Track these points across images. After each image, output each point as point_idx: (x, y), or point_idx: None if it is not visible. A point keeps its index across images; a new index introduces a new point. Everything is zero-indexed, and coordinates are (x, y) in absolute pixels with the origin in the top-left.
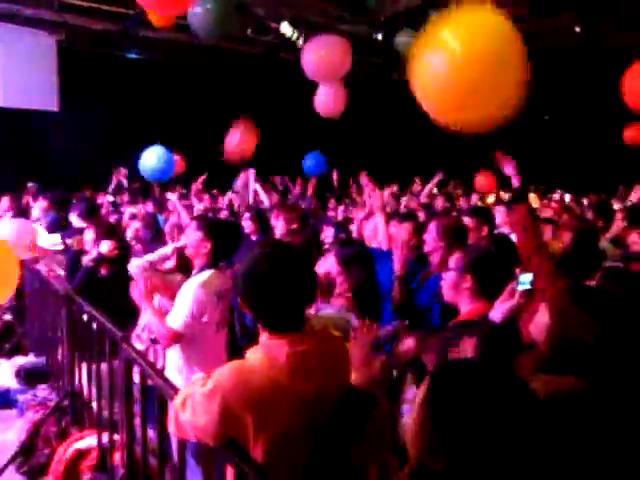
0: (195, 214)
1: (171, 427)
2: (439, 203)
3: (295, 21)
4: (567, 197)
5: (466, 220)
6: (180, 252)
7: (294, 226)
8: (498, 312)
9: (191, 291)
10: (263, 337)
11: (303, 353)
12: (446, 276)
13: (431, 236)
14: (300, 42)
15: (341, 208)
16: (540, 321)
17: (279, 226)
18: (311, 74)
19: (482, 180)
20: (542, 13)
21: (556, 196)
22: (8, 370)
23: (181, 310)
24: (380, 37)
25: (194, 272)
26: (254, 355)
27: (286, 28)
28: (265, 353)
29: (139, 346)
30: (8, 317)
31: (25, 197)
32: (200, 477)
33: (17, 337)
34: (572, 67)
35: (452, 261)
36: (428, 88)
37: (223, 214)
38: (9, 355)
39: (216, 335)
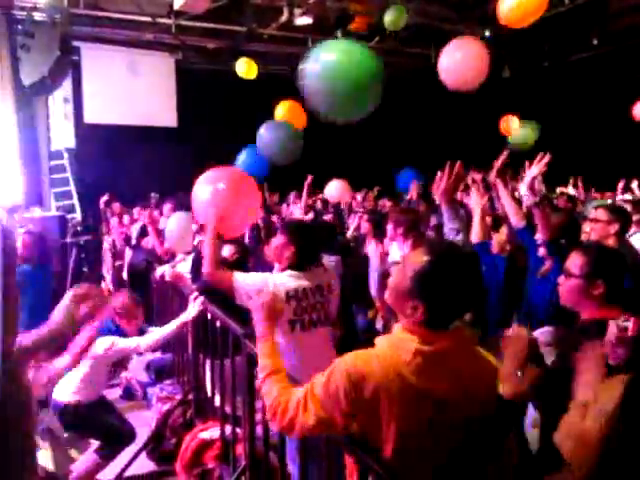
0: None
1: (295, 433)
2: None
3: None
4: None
5: (593, 214)
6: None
7: (400, 230)
8: None
9: (264, 284)
10: (396, 328)
11: (432, 352)
12: (568, 280)
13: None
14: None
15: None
16: None
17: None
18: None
19: None
20: None
21: None
22: (139, 365)
23: (250, 279)
24: (488, 34)
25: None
26: (382, 343)
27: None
28: (392, 345)
29: None
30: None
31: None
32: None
33: None
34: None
35: (573, 264)
36: None
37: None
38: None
39: (292, 333)
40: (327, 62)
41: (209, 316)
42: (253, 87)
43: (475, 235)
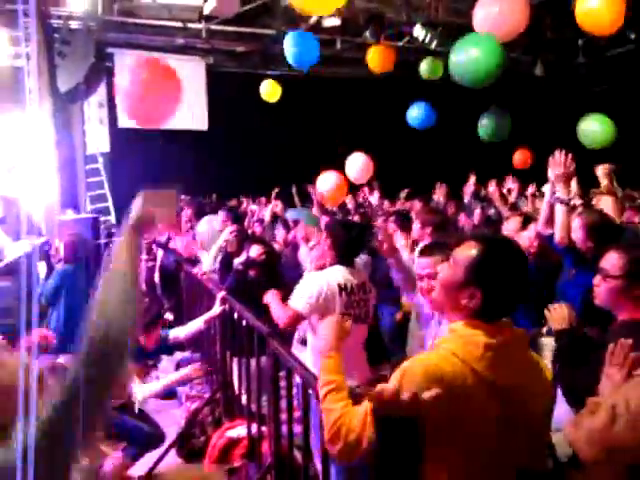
0: None
1: (361, 450)
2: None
3: (428, 24)
4: None
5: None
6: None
7: (428, 230)
8: None
9: (313, 278)
10: (456, 326)
11: (499, 345)
12: (606, 281)
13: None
14: (433, 45)
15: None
16: None
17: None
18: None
19: None
20: None
21: None
22: (169, 365)
23: (301, 292)
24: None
25: None
26: (447, 342)
27: (419, 31)
28: (460, 341)
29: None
30: (170, 316)
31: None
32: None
33: None
34: None
35: (611, 264)
36: None
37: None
38: (170, 351)
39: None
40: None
41: (235, 315)
42: (282, 89)
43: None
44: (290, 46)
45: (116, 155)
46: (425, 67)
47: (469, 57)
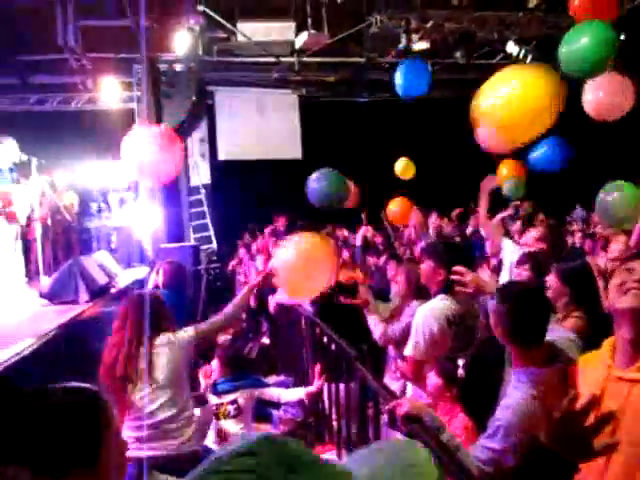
0: None
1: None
2: None
3: (520, 40)
4: None
5: None
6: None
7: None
8: None
9: (421, 317)
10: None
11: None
12: None
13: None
14: (528, 60)
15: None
16: None
17: None
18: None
19: None
20: None
21: None
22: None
23: (414, 337)
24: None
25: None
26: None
27: (512, 47)
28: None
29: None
30: (266, 340)
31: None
32: None
33: (272, 358)
34: None
35: None
36: None
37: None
38: (265, 374)
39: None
40: None
41: (325, 339)
42: (371, 115)
43: None
44: (401, 75)
45: (216, 186)
46: None
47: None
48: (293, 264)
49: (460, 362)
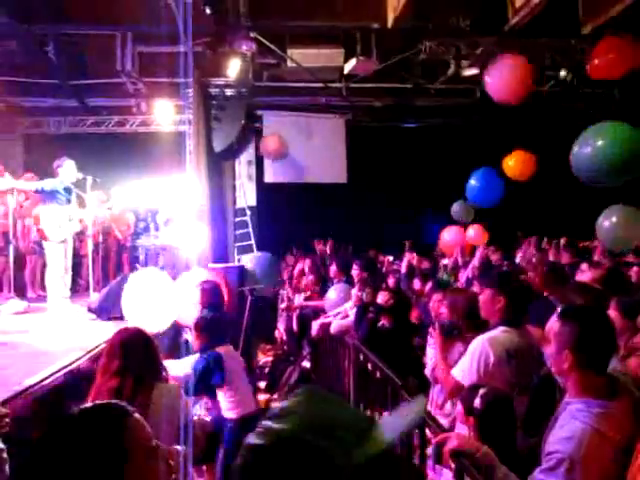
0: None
1: None
2: None
3: (574, 65)
4: None
5: None
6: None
7: None
8: None
9: (479, 345)
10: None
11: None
12: None
13: None
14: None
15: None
16: None
17: None
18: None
19: None
20: None
21: None
22: None
23: (465, 362)
24: None
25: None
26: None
27: (564, 74)
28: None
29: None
30: (307, 364)
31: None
32: None
33: (312, 382)
34: None
35: None
36: None
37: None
38: None
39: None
40: None
41: (369, 366)
42: (418, 141)
43: None
44: (474, 182)
45: (262, 208)
46: None
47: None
48: None
49: (481, 391)
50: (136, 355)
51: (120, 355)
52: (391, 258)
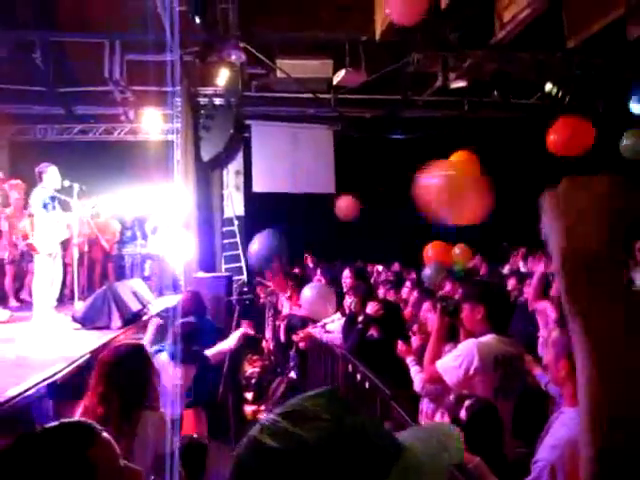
0: None
1: None
2: None
3: (560, 80)
4: None
5: None
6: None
7: None
8: None
9: (467, 347)
10: None
11: None
12: None
13: None
14: (566, 100)
15: None
16: None
17: None
18: None
19: None
20: None
21: None
22: None
23: (451, 359)
24: None
25: None
26: None
27: (550, 87)
28: None
29: None
30: (293, 375)
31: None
32: None
33: (300, 393)
34: None
35: None
36: None
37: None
38: None
39: (497, 403)
40: None
41: (358, 377)
42: (407, 152)
43: None
44: None
45: (249, 218)
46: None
47: None
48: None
49: (466, 402)
50: (124, 379)
51: (106, 379)
52: (380, 268)
